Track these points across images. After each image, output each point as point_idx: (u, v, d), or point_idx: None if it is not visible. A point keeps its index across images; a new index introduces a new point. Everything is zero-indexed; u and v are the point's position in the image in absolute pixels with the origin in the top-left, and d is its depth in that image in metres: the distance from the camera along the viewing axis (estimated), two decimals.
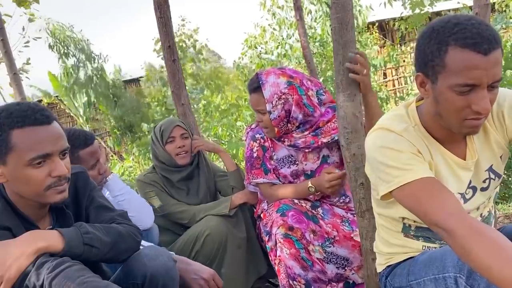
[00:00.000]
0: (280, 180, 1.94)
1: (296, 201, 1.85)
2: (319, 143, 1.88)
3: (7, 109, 1.17)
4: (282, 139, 1.92)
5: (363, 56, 1.51)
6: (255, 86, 1.86)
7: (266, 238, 1.80)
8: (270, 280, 2.27)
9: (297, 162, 1.92)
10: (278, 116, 1.84)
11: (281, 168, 1.93)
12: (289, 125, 1.87)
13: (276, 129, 1.87)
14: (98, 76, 10.17)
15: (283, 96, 1.82)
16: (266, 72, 1.88)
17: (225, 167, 2.33)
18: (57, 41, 9.80)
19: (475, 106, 1.05)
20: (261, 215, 1.91)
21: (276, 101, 1.82)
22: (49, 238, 1.17)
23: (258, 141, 1.96)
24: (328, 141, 1.88)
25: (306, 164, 1.93)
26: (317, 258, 1.76)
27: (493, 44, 1.01)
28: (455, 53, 1.03)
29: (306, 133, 1.90)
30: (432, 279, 1.16)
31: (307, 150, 1.91)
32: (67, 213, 1.34)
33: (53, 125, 1.20)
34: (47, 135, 1.18)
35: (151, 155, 2.30)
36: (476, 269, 0.92)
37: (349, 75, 1.49)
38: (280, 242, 1.73)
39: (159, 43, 8.86)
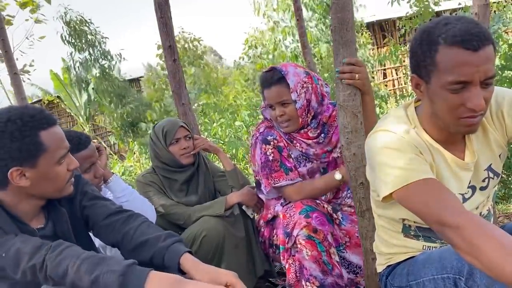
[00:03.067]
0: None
1: (318, 201, 1.84)
2: (330, 158, 1.91)
3: (25, 112, 1.21)
4: (294, 143, 1.91)
5: (355, 64, 1.50)
6: (278, 77, 1.82)
7: (286, 240, 1.76)
8: (270, 280, 2.27)
9: (312, 160, 1.92)
10: (302, 106, 1.83)
11: (298, 167, 1.91)
12: (308, 115, 1.87)
13: (300, 119, 1.85)
14: (110, 73, 10.16)
15: (305, 85, 1.83)
16: (282, 65, 1.88)
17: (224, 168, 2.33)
18: (71, 32, 9.76)
19: (469, 104, 1.05)
20: (281, 215, 1.84)
21: (300, 89, 1.82)
22: None
23: (272, 143, 1.90)
24: (338, 156, 1.92)
25: (319, 162, 1.94)
26: (337, 262, 1.75)
27: (483, 41, 1.02)
28: (445, 51, 1.04)
29: (318, 131, 1.90)
30: (431, 279, 1.16)
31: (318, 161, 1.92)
32: (61, 210, 1.36)
33: (58, 124, 1.29)
34: (62, 133, 1.28)
35: (150, 156, 2.28)
36: (483, 265, 0.91)
37: (343, 81, 1.52)
38: (301, 244, 1.71)
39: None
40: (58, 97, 11.36)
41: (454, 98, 1.07)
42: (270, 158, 1.89)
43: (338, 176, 1.80)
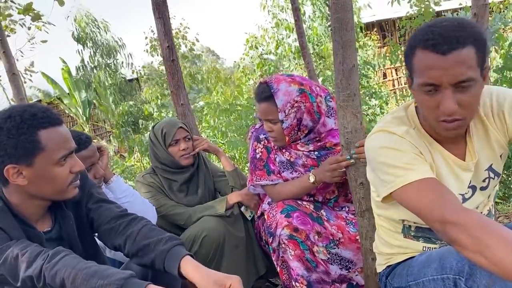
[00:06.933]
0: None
1: (300, 202, 1.83)
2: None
3: (27, 110, 1.19)
4: (284, 150, 1.90)
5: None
6: (266, 95, 1.79)
7: (270, 240, 1.78)
8: (270, 280, 2.27)
9: (298, 169, 1.90)
10: (290, 125, 1.80)
11: (283, 171, 1.90)
12: (299, 133, 1.85)
13: (287, 138, 1.84)
14: (116, 71, 10.17)
15: (296, 104, 1.78)
16: (276, 80, 1.82)
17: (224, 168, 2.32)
18: (81, 31, 9.77)
19: (441, 106, 1.07)
20: (264, 216, 1.87)
21: (289, 110, 1.78)
22: None
23: (262, 142, 1.92)
24: None
25: (306, 172, 1.90)
26: (321, 259, 1.74)
27: (454, 45, 1.03)
28: (419, 54, 1.08)
29: (310, 147, 1.88)
30: (430, 280, 1.16)
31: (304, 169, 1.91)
32: (67, 214, 1.35)
33: (64, 124, 1.26)
34: (66, 134, 1.24)
35: (150, 157, 2.28)
36: (489, 260, 0.90)
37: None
38: (284, 243, 1.71)
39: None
40: (58, 98, 11.37)
41: (429, 100, 1.09)
42: (258, 156, 1.92)
43: (311, 178, 1.79)
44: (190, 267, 1.19)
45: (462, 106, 1.07)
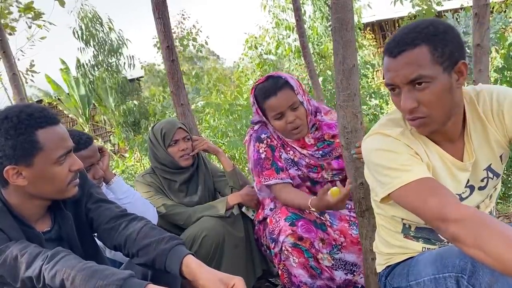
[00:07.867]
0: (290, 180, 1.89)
1: None
2: (319, 175, 1.89)
3: (23, 111, 1.19)
4: (288, 149, 1.89)
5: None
6: (282, 82, 1.81)
7: (272, 245, 1.76)
8: (270, 280, 2.27)
9: (301, 169, 1.90)
10: (307, 107, 1.84)
11: (290, 168, 1.90)
12: (316, 114, 1.89)
13: (308, 121, 1.85)
14: (117, 71, 10.15)
15: (301, 87, 1.86)
16: (275, 73, 1.88)
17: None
18: (83, 28, 9.75)
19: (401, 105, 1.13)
20: (267, 220, 1.84)
21: (300, 91, 1.83)
22: None
23: (265, 141, 1.90)
24: (330, 177, 1.89)
25: (309, 172, 1.91)
26: (326, 266, 1.74)
27: (402, 47, 1.08)
28: (384, 58, 1.15)
29: (311, 137, 1.88)
30: (432, 279, 1.16)
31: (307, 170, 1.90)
32: (66, 214, 1.35)
33: (61, 123, 1.26)
34: (64, 132, 1.24)
35: (149, 157, 2.28)
36: (489, 256, 0.90)
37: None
38: (287, 251, 1.70)
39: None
40: (58, 98, 11.36)
41: (395, 100, 1.15)
42: (262, 156, 1.89)
43: (315, 213, 1.77)
44: (194, 265, 1.19)
45: (423, 104, 1.10)
